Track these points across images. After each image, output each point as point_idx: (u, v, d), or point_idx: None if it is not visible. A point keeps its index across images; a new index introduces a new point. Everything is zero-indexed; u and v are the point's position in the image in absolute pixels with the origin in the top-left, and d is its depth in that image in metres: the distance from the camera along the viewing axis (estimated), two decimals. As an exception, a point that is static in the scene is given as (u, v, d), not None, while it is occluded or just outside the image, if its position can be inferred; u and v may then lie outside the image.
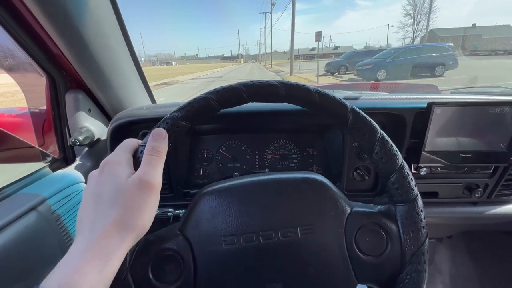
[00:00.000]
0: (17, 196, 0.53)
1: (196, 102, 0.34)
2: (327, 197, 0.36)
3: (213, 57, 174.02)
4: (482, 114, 0.60)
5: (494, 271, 1.06)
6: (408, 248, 0.32)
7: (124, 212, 0.27)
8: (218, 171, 0.80)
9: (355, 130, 0.35)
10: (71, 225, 0.60)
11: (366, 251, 0.34)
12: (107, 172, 0.29)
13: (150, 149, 0.31)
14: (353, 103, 0.67)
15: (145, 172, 0.29)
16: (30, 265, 0.49)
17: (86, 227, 0.27)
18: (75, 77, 0.65)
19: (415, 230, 0.32)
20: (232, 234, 0.33)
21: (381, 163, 0.34)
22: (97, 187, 0.29)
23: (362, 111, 0.35)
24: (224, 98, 0.35)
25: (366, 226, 0.34)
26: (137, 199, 0.28)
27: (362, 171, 0.71)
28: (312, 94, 0.35)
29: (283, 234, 0.34)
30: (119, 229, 0.27)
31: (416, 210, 0.33)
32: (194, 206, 0.36)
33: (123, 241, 0.27)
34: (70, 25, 0.54)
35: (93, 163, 0.71)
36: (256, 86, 0.35)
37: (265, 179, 0.37)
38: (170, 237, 0.34)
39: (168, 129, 0.33)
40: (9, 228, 0.47)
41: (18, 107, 0.73)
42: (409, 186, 0.33)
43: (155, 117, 0.64)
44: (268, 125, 0.77)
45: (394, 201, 0.34)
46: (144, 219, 0.29)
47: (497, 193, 0.71)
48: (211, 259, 0.33)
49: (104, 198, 0.28)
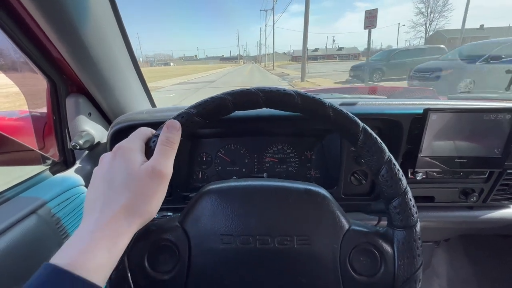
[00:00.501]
0: (17, 200, 0.54)
1: (213, 101, 0.35)
2: (327, 211, 0.36)
3: (212, 58, 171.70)
4: (477, 120, 0.61)
5: (491, 274, 1.07)
6: (401, 273, 0.32)
7: (134, 198, 0.28)
8: (217, 175, 0.80)
9: (364, 150, 0.35)
10: (71, 228, 0.60)
11: (359, 271, 0.34)
12: (120, 156, 0.30)
13: (164, 139, 0.32)
14: (351, 109, 0.68)
15: (157, 161, 0.30)
16: (30, 268, 0.50)
17: (96, 208, 0.27)
18: (76, 81, 0.65)
19: (410, 257, 0.32)
20: (230, 234, 0.34)
21: (385, 186, 0.34)
22: (109, 170, 0.30)
23: (373, 132, 0.35)
24: (240, 101, 0.36)
25: (361, 245, 0.35)
26: (148, 187, 0.29)
27: (359, 175, 0.72)
28: (326, 108, 0.35)
29: (279, 242, 0.34)
30: (128, 214, 0.28)
31: (414, 237, 0.33)
32: (196, 202, 0.37)
33: (131, 225, 0.28)
34: (71, 29, 0.54)
35: (93, 166, 0.71)
36: (273, 93, 0.36)
37: (268, 185, 0.38)
38: (170, 228, 0.35)
39: (182, 123, 0.34)
40: (10, 231, 0.47)
41: (19, 111, 0.73)
42: (410, 212, 0.33)
43: (155, 121, 0.65)
44: (266, 129, 0.77)
45: (393, 225, 0.34)
46: (153, 207, 0.30)
47: (492, 198, 0.72)
48: (207, 255, 0.34)
49: (116, 182, 0.29)
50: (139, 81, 0.81)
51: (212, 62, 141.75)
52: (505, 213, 0.74)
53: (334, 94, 1.30)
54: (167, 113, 0.67)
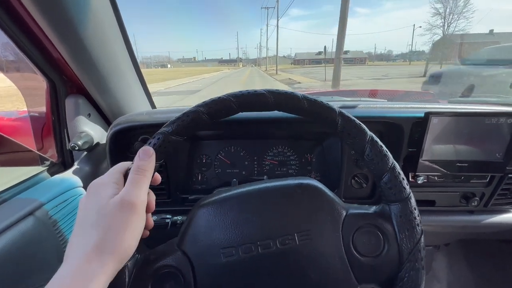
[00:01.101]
0: (14, 201, 0.53)
1: (186, 116, 0.35)
2: (322, 202, 0.36)
3: (211, 61, 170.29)
4: (479, 124, 0.61)
5: (491, 279, 1.06)
6: (404, 246, 0.33)
7: (104, 235, 0.26)
8: (216, 177, 0.80)
9: (345, 134, 0.36)
10: (68, 230, 0.59)
11: (364, 253, 0.34)
12: (91, 194, 0.30)
13: (135, 168, 0.31)
14: (351, 111, 0.68)
15: (126, 192, 0.29)
16: (27, 270, 0.49)
17: (70, 252, 0.26)
18: (76, 82, 0.65)
19: (410, 228, 0.33)
20: (231, 245, 0.33)
21: (372, 164, 0.35)
22: (83, 212, 0.29)
23: (351, 115, 0.36)
24: (214, 110, 0.36)
25: (362, 228, 0.35)
26: (117, 220, 0.27)
27: (360, 179, 0.72)
28: (300, 101, 0.36)
29: (281, 242, 0.34)
30: (100, 253, 0.26)
31: (410, 208, 0.33)
32: (190, 220, 0.36)
33: (104, 266, 0.26)
34: (72, 30, 0.54)
35: (91, 167, 0.71)
36: (245, 96, 0.36)
37: (259, 188, 0.37)
38: (169, 253, 0.34)
39: (159, 145, 0.33)
40: (6, 233, 0.46)
41: (18, 111, 0.73)
42: (401, 185, 0.34)
43: (155, 123, 0.64)
44: (267, 131, 0.77)
45: (388, 200, 0.35)
46: (126, 241, 0.27)
47: (494, 202, 0.72)
48: (211, 273, 0.33)
49: (87, 222, 0.28)
50: (139, 82, 0.81)
51: (210, 64, 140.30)
52: (506, 218, 0.74)
53: (334, 97, 1.29)
54: (167, 115, 0.67)
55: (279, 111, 0.38)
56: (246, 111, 0.37)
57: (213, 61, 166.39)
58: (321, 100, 0.36)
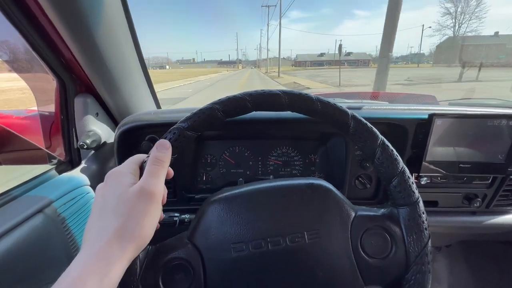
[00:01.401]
0: (24, 198, 0.54)
1: (202, 112, 0.36)
2: (332, 202, 0.37)
3: (210, 62, 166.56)
4: (481, 126, 0.62)
5: (492, 280, 1.07)
6: (412, 249, 0.33)
7: (125, 222, 0.27)
8: (221, 177, 0.81)
9: (356, 137, 0.37)
10: (76, 227, 0.60)
11: (372, 254, 0.35)
12: (110, 182, 0.30)
13: (152, 159, 0.32)
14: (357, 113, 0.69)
15: (145, 181, 0.30)
16: (37, 266, 0.49)
17: (90, 237, 0.27)
18: (85, 82, 0.66)
19: (418, 232, 0.33)
20: (241, 241, 0.34)
21: (382, 167, 0.36)
22: (101, 198, 0.30)
23: (363, 118, 0.37)
24: (229, 108, 0.37)
25: (370, 230, 0.36)
26: (137, 208, 0.28)
27: (364, 179, 0.72)
28: (314, 102, 0.37)
29: (291, 240, 0.34)
30: (120, 239, 0.27)
31: (418, 212, 0.34)
32: (202, 214, 0.36)
33: (125, 251, 0.27)
34: (85, 30, 0.55)
35: (99, 166, 0.71)
36: (260, 95, 0.37)
37: (271, 186, 0.38)
38: (180, 246, 0.35)
39: (175, 139, 0.34)
40: (17, 229, 0.47)
41: (27, 109, 0.73)
42: (411, 189, 0.34)
43: (162, 122, 0.65)
44: (271, 132, 0.78)
45: (397, 204, 0.36)
46: (145, 229, 0.28)
47: (496, 203, 0.73)
48: (221, 267, 0.34)
49: (107, 208, 0.28)
50: (145, 82, 0.82)
51: (209, 66, 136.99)
52: (508, 219, 0.75)
53: (336, 99, 1.31)
54: (173, 115, 0.68)
55: (292, 111, 0.38)
56: (260, 110, 0.38)
57: (212, 62, 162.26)
58: (334, 103, 0.37)
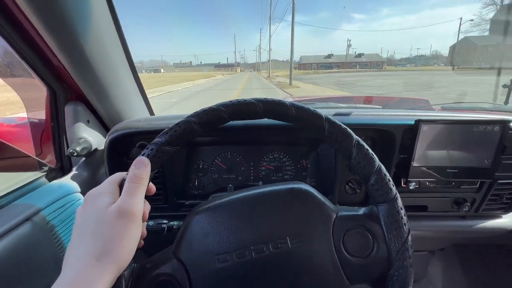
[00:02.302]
0: (12, 207, 0.54)
1: (179, 126, 0.36)
2: (313, 205, 0.37)
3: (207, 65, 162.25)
4: (468, 131, 0.63)
5: (486, 284, 1.07)
6: (393, 246, 0.34)
7: (103, 243, 0.27)
8: (213, 182, 0.81)
9: (332, 139, 0.37)
10: (65, 235, 0.60)
11: (355, 253, 0.35)
12: (89, 203, 0.30)
13: (131, 177, 0.32)
14: (344, 119, 0.69)
15: (124, 201, 0.29)
16: (24, 275, 0.49)
17: (69, 260, 0.27)
18: (75, 89, 0.66)
19: (398, 228, 0.34)
20: (225, 251, 0.34)
21: (359, 167, 0.36)
22: (81, 220, 0.29)
23: (337, 120, 0.38)
24: (205, 120, 0.37)
25: (352, 229, 0.36)
26: (116, 229, 0.28)
27: (354, 184, 0.73)
28: (288, 108, 0.38)
29: (274, 246, 0.35)
30: (100, 261, 0.26)
31: (397, 208, 0.34)
32: (185, 228, 0.37)
33: (104, 273, 0.26)
34: (72, 38, 0.55)
35: (89, 173, 0.72)
36: (235, 105, 0.37)
37: (252, 193, 0.39)
38: (164, 261, 0.35)
39: (153, 155, 0.35)
40: (4, 238, 0.47)
41: (18, 117, 0.74)
42: (388, 186, 0.35)
43: (152, 129, 0.66)
44: (263, 137, 0.79)
45: (376, 201, 0.36)
46: (124, 249, 0.28)
47: (484, 207, 0.74)
48: (207, 280, 0.34)
49: (86, 230, 0.28)
50: (137, 88, 0.82)
51: (206, 69, 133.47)
52: (497, 223, 0.75)
53: (330, 103, 1.32)
54: (164, 121, 0.68)
55: (268, 118, 0.39)
56: (237, 120, 0.38)
57: (210, 65, 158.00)
58: (308, 107, 0.38)
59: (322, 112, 0.38)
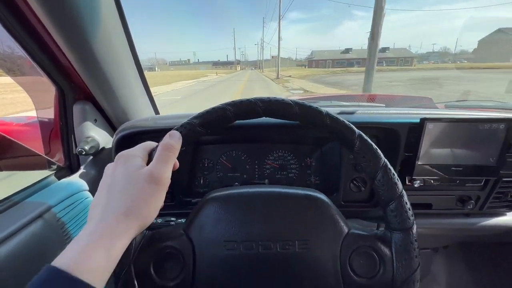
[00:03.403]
0: (24, 204, 0.55)
1: (215, 111, 0.37)
2: (327, 216, 0.37)
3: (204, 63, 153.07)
4: (473, 129, 0.63)
5: (490, 282, 1.07)
6: (399, 274, 0.33)
7: (132, 202, 0.29)
8: (218, 180, 0.82)
9: (360, 156, 0.37)
10: (75, 232, 0.61)
11: (359, 273, 0.35)
12: (120, 163, 0.32)
13: (164, 145, 0.33)
14: (349, 117, 0.70)
15: (155, 167, 0.31)
16: (36, 271, 0.50)
17: (96, 213, 0.29)
18: (83, 89, 0.67)
19: (408, 259, 0.33)
20: (234, 240, 0.35)
21: (382, 190, 0.36)
22: (110, 178, 0.31)
23: (369, 139, 0.37)
24: (240, 111, 0.38)
25: (361, 248, 0.36)
26: (145, 191, 0.30)
27: (359, 182, 0.73)
28: (323, 117, 0.37)
29: (281, 246, 0.35)
30: (127, 217, 0.28)
31: (411, 239, 0.34)
32: (199, 209, 0.38)
33: (128, 229, 0.28)
34: (81, 38, 0.56)
35: (97, 171, 0.73)
36: (271, 102, 0.38)
37: (270, 191, 0.39)
38: (174, 236, 0.36)
39: (186, 133, 0.36)
40: (17, 235, 0.48)
41: (27, 116, 0.75)
42: (407, 215, 0.34)
43: (159, 128, 0.66)
44: (267, 136, 0.79)
45: (391, 228, 0.36)
46: (150, 211, 0.30)
47: (489, 205, 0.74)
48: (212, 262, 0.35)
49: (116, 188, 0.30)
50: (143, 88, 0.83)
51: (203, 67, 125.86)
52: (502, 221, 0.76)
53: (333, 102, 1.32)
54: (171, 121, 0.69)
55: (300, 122, 0.39)
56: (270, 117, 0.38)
57: (207, 63, 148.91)
58: (342, 119, 0.38)
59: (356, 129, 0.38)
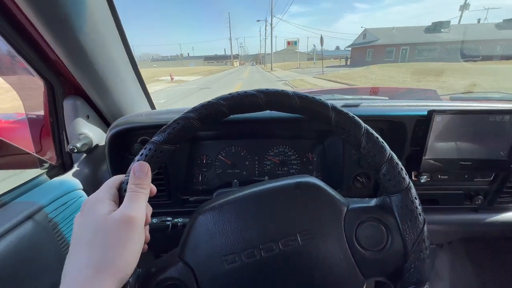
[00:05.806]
0: (13, 205, 0.53)
1: (177, 123, 0.34)
2: (322, 199, 0.36)
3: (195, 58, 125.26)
4: (482, 122, 0.60)
5: (494, 277, 1.06)
6: (408, 237, 0.32)
7: (103, 253, 0.25)
8: (217, 177, 0.79)
9: (339, 128, 0.36)
10: (68, 233, 0.59)
11: (368, 247, 0.34)
12: (86, 211, 0.28)
13: (132, 186, 0.30)
14: (354, 111, 0.67)
15: (127, 207, 0.28)
16: (28, 274, 0.49)
17: (68, 273, 0.25)
18: (73, 83, 0.64)
19: (412, 218, 0.32)
20: (233, 252, 0.33)
21: (369, 156, 0.35)
22: (78, 229, 0.28)
23: (344, 109, 0.36)
24: (204, 116, 0.35)
25: (364, 222, 0.34)
26: (117, 238, 0.26)
27: (362, 178, 0.71)
28: (291, 98, 0.35)
29: (284, 244, 0.33)
30: (99, 273, 0.25)
31: (411, 198, 0.33)
32: (190, 229, 0.35)
33: (104, 286, 0.24)
34: (68, 30, 0.53)
35: (91, 169, 0.70)
36: (235, 98, 0.35)
37: (257, 190, 0.37)
38: (170, 265, 0.34)
39: (151, 155, 0.33)
40: (6, 237, 0.46)
41: (16, 113, 0.72)
42: (400, 175, 0.33)
43: (154, 124, 0.64)
44: (267, 131, 0.76)
45: (388, 192, 0.35)
46: (127, 259, 0.26)
47: (499, 201, 0.71)
48: (215, 282, 0.33)
49: (84, 240, 0.27)
50: (137, 82, 0.80)
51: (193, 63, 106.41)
52: (510, 216, 0.73)
53: (335, 95, 1.28)
54: (166, 116, 0.66)
55: (271, 110, 0.37)
56: (238, 113, 0.36)
57: (199, 58, 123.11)
58: (312, 96, 0.36)
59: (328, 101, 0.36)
